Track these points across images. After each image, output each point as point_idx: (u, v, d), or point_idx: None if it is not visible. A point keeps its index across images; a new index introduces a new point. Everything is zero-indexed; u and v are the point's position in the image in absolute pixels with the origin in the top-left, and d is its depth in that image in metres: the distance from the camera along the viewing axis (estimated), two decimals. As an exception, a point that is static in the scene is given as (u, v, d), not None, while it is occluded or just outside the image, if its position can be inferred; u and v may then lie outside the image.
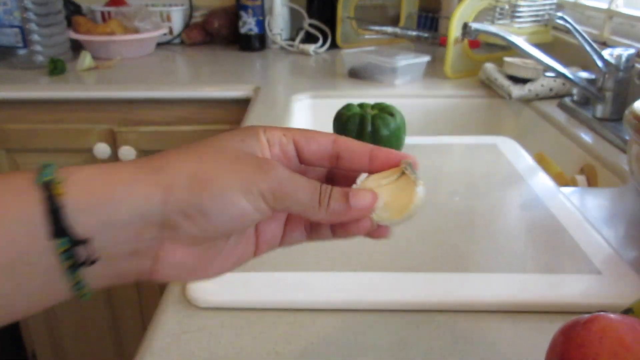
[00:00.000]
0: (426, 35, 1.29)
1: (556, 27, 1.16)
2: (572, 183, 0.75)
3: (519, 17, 1.09)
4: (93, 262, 0.23)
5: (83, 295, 0.24)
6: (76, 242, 0.22)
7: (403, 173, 0.29)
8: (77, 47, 1.33)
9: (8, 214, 0.21)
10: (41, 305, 0.23)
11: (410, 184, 0.29)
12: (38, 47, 1.24)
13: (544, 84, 0.97)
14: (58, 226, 0.22)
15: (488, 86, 1.07)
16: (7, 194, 0.22)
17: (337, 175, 0.31)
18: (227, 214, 0.25)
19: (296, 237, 0.30)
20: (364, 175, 0.30)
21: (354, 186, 0.29)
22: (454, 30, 1.08)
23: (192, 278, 0.27)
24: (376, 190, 0.28)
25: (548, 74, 0.94)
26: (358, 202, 0.27)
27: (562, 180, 0.75)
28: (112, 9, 1.44)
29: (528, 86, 0.98)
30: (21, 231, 0.22)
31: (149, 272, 0.26)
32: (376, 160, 0.29)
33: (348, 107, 0.68)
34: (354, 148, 0.29)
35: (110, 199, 0.23)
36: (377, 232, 0.29)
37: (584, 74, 0.89)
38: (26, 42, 1.24)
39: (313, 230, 0.30)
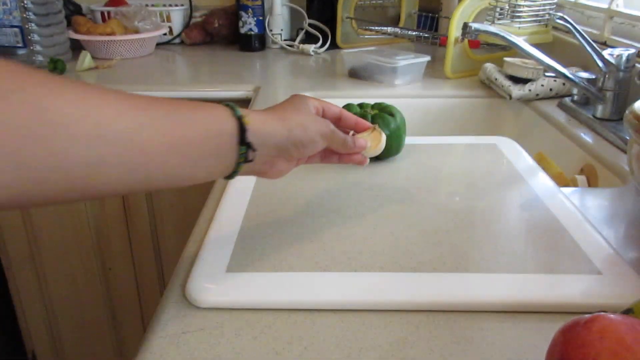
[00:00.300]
0: (426, 35, 1.29)
1: (556, 27, 1.16)
2: (572, 183, 0.75)
3: (519, 17, 1.09)
4: (250, 161, 0.43)
5: (231, 176, 0.44)
6: (249, 149, 0.42)
7: (374, 129, 0.55)
8: (77, 47, 1.33)
9: (222, 129, 0.41)
10: (213, 178, 0.43)
11: (378, 134, 0.55)
12: (38, 47, 1.24)
13: (544, 84, 0.98)
14: (243, 139, 0.41)
15: (488, 86, 1.07)
16: (221, 118, 0.41)
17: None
18: (312, 146, 0.47)
19: (315, 160, 0.53)
20: (351, 132, 0.54)
21: (351, 135, 0.53)
22: (454, 30, 1.08)
23: (278, 176, 0.48)
24: (365, 138, 0.53)
25: (548, 74, 0.94)
26: (360, 143, 0.52)
27: (562, 180, 0.75)
28: (112, 9, 1.44)
29: (528, 86, 0.98)
30: (227, 137, 0.41)
31: (264, 172, 0.46)
32: (358, 125, 0.54)
33: (348, 107, 0.68)
34: (349, 116, 0.54)
35: (265, 131, 0.43)
36: (362, 161, 0.54)
37: (584, 74, 0.89)
38: (26, 42, 1.24)
39: (326, 157, 0.53)
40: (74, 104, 0.32)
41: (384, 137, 0.55)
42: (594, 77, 0.87)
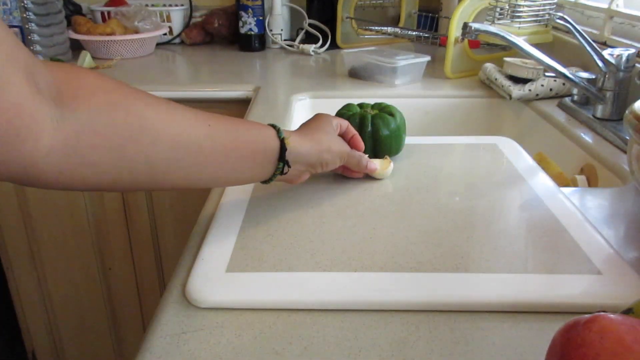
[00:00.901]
0: (426, 35, 1.29)
1: (556, 27, 1.16)
2: (572, 183, 0.75)
3: (519, 17, 1.09)
4: (284, 174, 0.51)
5: (267, 182, 0.52)
6: (286, 164, 0.50)
7: (385, 157, 0.65)
8: (77, 47, 1.33)
9: (268, 146, 0.49)
10: (253, 182, 0.53)
11: (388, 162, 0.64)
12: (38, 47, 1.24)
13: (544, 84, 0.98)
14: (282, 156, 0.50)
15: (488, 86, 1.07)
16: (268, 137, 0.49)
17: None
18: (333, 165, 0.56)
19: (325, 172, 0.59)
20: (366, 155, 0.62)
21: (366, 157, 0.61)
22: (454, 30, 1.08)
23: (299, 182, 0.56)
24: (376, 163, 0.62)
25: (548, 74, 0.94)
26: (372, 166, 0.61)
27: (562, 180, 0.75)
28: (112, 9, 1.44)
29: (528, 86, 0.98)
30: (270, 153, 0.49)
31: (292, 181, 0.55)
32: (352, 141, 0.60)
33: (348, 107, 0.68)
34: (350, 130, 0.60)
35: (300, 152, 0.51)
36: (360, 176, 0.63)
37: (584, 74, 0.89)
38: (26, 42, 1.24)
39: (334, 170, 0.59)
40: (162, 115, 0.42)
41: (392, 165, 0.63)
42: (594, 77, 0.87)
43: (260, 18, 1.42)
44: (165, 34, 1.50)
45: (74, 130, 0.37)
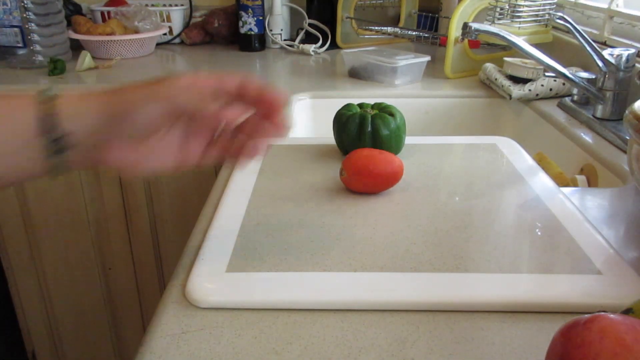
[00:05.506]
0: (426, 35, 1.29)
1: (556, 27, 1.16)
2: (572, 183, 0.75)
3: (519, 17, 1.09)
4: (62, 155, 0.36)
5: (55, 169, 0.36)
6: (56, 142, 0.35)
7: None
8: (77, 47, 1.33)
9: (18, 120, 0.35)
10: (20, 175, 0.37)
11: None
12: (38, 47, 1.24)
13: (544, 84, 0.97)
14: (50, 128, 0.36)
15: (488, 86, 1.07)
16: (14, 98, 0.36)
17: None
18: (192, 105, 0.39)
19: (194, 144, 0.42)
20: None
21: None
22: (454, 30, 1.08)
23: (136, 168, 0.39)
24: None
25: (548, 74, 0.94)
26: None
27: (562, 180, 0.75)
28: (112, 9, 1.44)
29: (528, 86, 0.97)
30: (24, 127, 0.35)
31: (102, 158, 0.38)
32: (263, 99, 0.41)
33: (348, 107, 0.68)
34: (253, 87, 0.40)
35: (87, 113, 0.36)
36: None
37: (584, 74, 0.89)
38: (26, 42, 1.24)
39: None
40: None
41: None
42: (594, 77, 0.87)
43: (260, 18, 1.42)
44: (165, 34, 1.49)
45: None
